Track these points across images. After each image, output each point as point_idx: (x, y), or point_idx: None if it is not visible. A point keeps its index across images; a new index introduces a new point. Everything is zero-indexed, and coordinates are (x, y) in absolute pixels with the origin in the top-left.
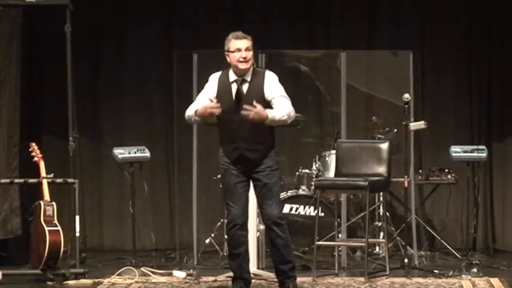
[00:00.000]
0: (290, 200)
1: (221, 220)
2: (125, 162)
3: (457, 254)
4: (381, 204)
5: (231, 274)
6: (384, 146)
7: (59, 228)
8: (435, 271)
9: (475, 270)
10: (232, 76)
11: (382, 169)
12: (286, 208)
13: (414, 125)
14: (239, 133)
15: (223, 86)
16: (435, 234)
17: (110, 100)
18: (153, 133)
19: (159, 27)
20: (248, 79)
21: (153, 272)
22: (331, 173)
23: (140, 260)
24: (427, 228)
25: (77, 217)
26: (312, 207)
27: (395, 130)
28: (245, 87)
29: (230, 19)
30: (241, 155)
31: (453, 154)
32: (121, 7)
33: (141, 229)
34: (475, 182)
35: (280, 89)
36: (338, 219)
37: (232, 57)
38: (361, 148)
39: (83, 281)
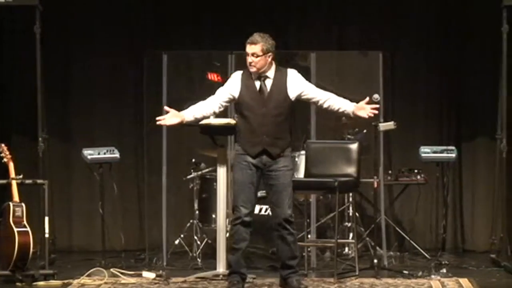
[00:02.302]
0: (260, 200)
1: (191, 221)
2: (95, 163)
3: (426, 255)
4: (351, 205)
5: (200, 274)
6: (354, 146)
7: (28, 229)
8: (405, 271)
9: (444, 270)
10: (254, 74)
11: (351, 170)
12: (256, 209)
13: (384, 126)
14: (262, 126)
15: (247, 82)
16: (404, 235)
17: (79, 101)
18: (122, 134)
19: (129, 28)
20: (271, 76)
21: (122, 273)
22: (300, 173)
23: (110, 261)
24: (397, 228)
25: (47, 218)
26: None
27: (365, 131)
28: (268, 83)
29: (201, 20)
30: (263, 150)
31: (423, 155)
32: (91, 7)
33: (110, 230)
34: (444, 183)
35: (305, 80)
36: (308, 220)
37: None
38: (330, 149)
39: (52, 282)
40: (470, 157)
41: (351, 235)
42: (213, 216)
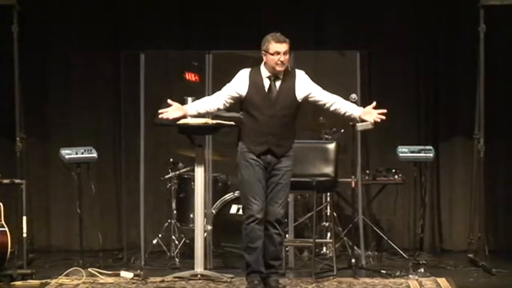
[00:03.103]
0: (237, 200)
1: (169, 221)
2: (72, 163)
3: (404, 254)
4: (328, 205)
5: (178, 274)
6: (331, 146)
7: (6, 229)
8: (382, 271)
9: (422, 270)
10: (265, 73)
11: (329, 170)
12: (234, 209)
13: (361, 126)
14: (269, 127)
15: (255, 81)
16: (382, 234)
17: (57, 101)
18: (100, 133)
19: (106, 27)
20: (281, 76)
21: (100, 273)
22: None
23: (88, 260)
24: (374, 228)
25: (24, 218)
26: None
27: (342, 131)
28: (277, 84)
29: (178, 20)
30: (268, 150)
31: (400, 155)
32: (68, 7)
33: (88, 229)
34: (422, 182)
35: (313, 82)
36: (286, 219)
37: (270, 59)
38: (308, 149)
39: (31, 282)
40: (447, 156)
41: (329, 234)
42: (191, 215)
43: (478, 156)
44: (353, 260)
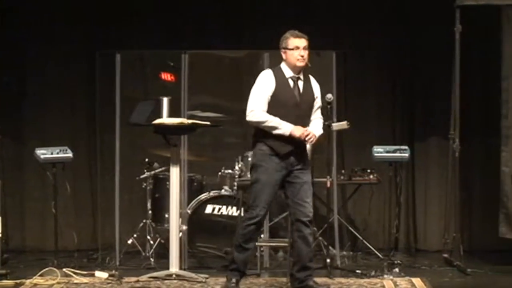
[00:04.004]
0: (213, 200)
1: (144, 221)
2: (48, 163)
3: (379, 254)
4: None
5: (153, 274)
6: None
7: None
8: (357, 271)
9: (397, 270)
10: (288, 73)
11: None
12: (209, 209)
13: (337, 125)
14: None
15: (282, 81)
16: (357, 234)
17: (32, 101)
18: (75, 133)
19: (81, 28)
20: (302, 77)
21: (75, 273)
22: None
23: (62, 260)
24: (350, 228)
25: None
26: (234, 207)
27: None
28: (300, 84)
29: (154, 20)
30: (292, 150)
31: (376, 154)
32: (44, 6)
33: (63, 229)
34: (397, 182)
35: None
36: None
37: (290, 55)
38: None
39: (5, 282)
40: (423, 156)
41: None
42: (166, 215)
43: (453, 156)
44: (328, 260)
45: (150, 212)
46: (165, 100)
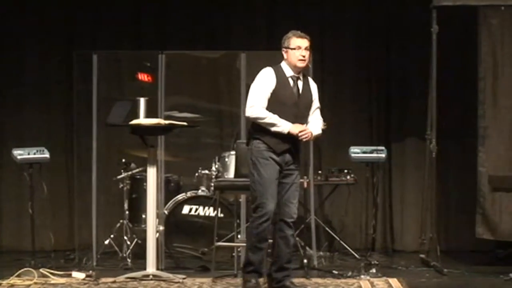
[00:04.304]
0: (190, 201)
1: (120, 221)
2: (24, 163)
3: (356, 255)
4: None
5: (130, 274)
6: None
7: None
8: (334, 271)
9: (373, 270)
10: (288, 72)
11: None
12: (186, 209)
13: None
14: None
15: (282, 80)
16: (334, 235)
17: (9, 101)
18: (52, 134)
19: (59, 27)
20: (301, 77)
21: (52, 273)
22: (230, 174)
23: (39, 261)
24: (326, 228)
25: None
26: (211, 208)
27: None
28: (299, 84)
29: (130, 20)
30: (289, 148)
31: (352, 155)
32: (21, 7)
33: (40, 230)
34: (374, 183)
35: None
36: (238, 220)
37: (292, 54)
38: None
39: None
40: (399, 157)
41: None
42: (143, 216)
43: (430, 156)
44: (305, 261)
45: (127, 212)
46: (142, 101)
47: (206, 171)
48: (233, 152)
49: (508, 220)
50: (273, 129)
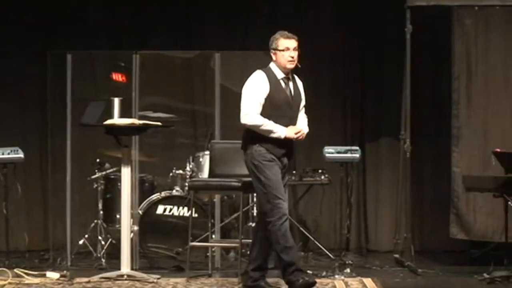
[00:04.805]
0: (164, 201)
1: (95, 221)
2: None
3: (330, 255)
4: (255, 205)
5: (105, 274)
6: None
7: None
8: (309, 271)
9: (348, 270)
10: (279, 74)
11: None
12: (160, 209)
13: None
14: None
15: (275, 82)
16: (308, 235)
17: None
18: (26, 134)
19: (33, 28)
20: (290, 77)
21: (26, 273)
22: (205, 174)
23: (13, 261)
24: (301, 228)
25: None
26: (185, 208)
27: None
28: (290, 85)
29: (104, 20)
30: (287, 151)
31: (327, 155)
32: None
33: (14, 230)
34: (348, 183)
35: None
36: (212, 220)
37: (280, 56)
38: (234, 149)
39: None
40: (374, 157)
41: None
42: (117, 216)
43: (404, 156)
44: None
45: (101, 212)
46: (116, 101)
47: (180, 171)
48: (207, 152)
49: (482, 220)
50: (270, 135)
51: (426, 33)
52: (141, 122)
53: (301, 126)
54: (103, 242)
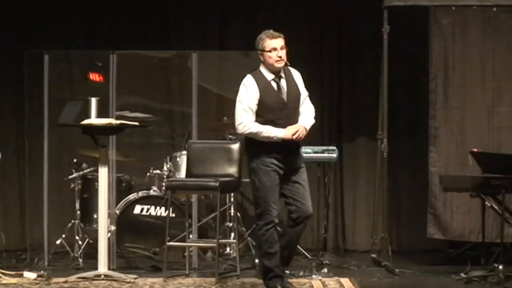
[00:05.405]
0: (141, 200)
1: (72, 221)
2: None
3: (307, 254)
4: (232, 205)
5: (82, 274)
6: (235, 146)
7: None
8: (286, 271)
9: (325, 270)
10: (268, 75)
11: (233, 170)
12: (137, 209)
13: None
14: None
15: (265, 86)
16: None
17: None
18: (3, 133)
19: (10, 27)
20: (283, 75)
21: (3, 273)
22: (182, 173)
23: None
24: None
25: None
26: (163, 208)
27: None
28: (283, 83)
29: (83, 19)
30: (288, 151)
31: (304, 155)
32: None
33: None
34: (325, 183)
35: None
36: (189, 220)
37: (268, 57)
38: (212, 149)
39: None
40: (351, 157)
41: (232, 235)
42: (95, 216)
43: (382, 156)
44: (256, 260)
45: (78, 212)
46: (93, 101)
47: (158, 171)
48: (184, 152)
49: (459, 220)
50: (267, 140)
51: (404, 33)
52: (118, 122)
53: (302, 122)
54: (80, 242)
